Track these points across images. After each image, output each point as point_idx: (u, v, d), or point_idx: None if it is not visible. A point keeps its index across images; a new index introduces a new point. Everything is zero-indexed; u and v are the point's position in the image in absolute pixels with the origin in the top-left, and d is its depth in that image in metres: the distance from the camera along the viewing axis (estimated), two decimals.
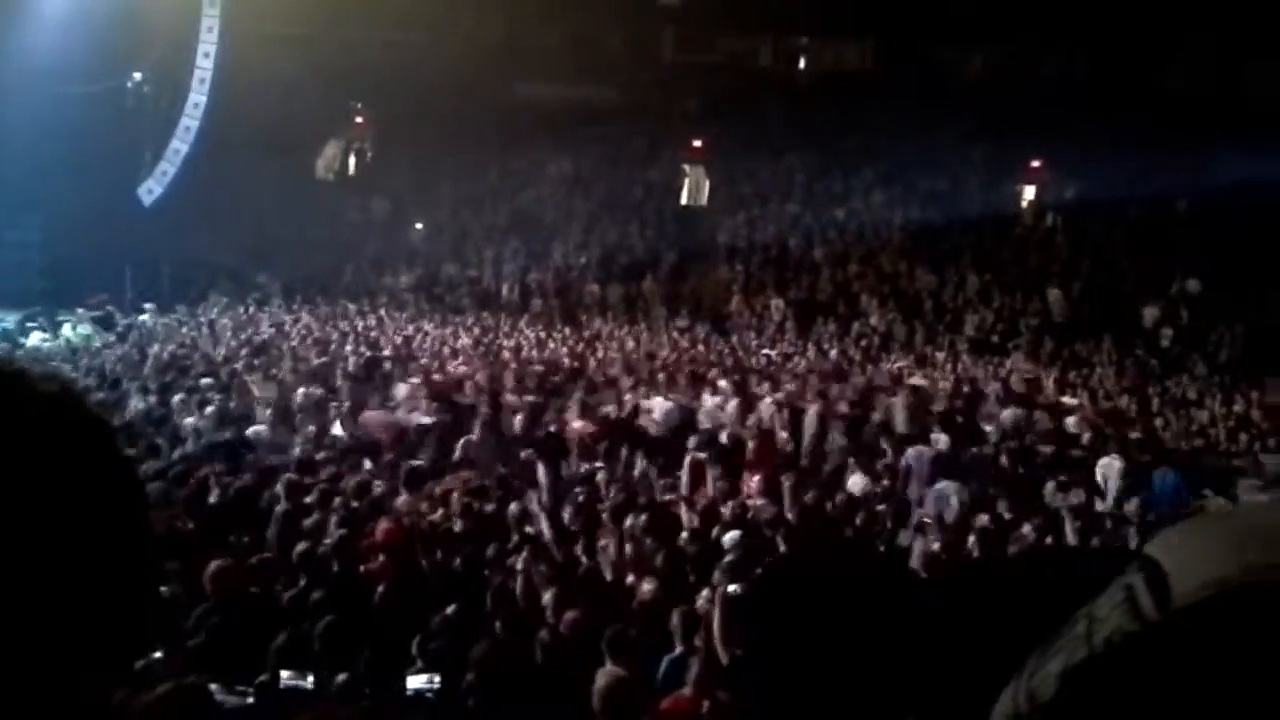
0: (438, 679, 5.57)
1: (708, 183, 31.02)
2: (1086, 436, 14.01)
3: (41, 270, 22.11)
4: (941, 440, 12.51)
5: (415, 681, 5.63)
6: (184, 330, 19.85)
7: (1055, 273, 26.02)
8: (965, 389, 16.68)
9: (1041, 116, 29.26)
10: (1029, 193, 29.03)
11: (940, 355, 21.84)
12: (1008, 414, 14.50)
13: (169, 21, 24.74)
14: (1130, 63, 30.93)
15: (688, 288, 27.72)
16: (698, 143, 31.08)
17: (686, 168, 31.20)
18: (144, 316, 20.73)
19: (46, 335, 19.16)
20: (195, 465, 10.08)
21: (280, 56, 23.80)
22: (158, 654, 5.96)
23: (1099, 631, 0.66)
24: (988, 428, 14.13)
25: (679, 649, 6.43)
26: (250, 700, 5.36)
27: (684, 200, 31.00)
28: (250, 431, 11.75)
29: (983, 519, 9.46)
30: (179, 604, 6.87)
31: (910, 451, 11.89)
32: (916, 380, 17.55)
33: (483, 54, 30.89)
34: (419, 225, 30.17)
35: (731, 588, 6.65)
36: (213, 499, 9.02)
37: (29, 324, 19.81)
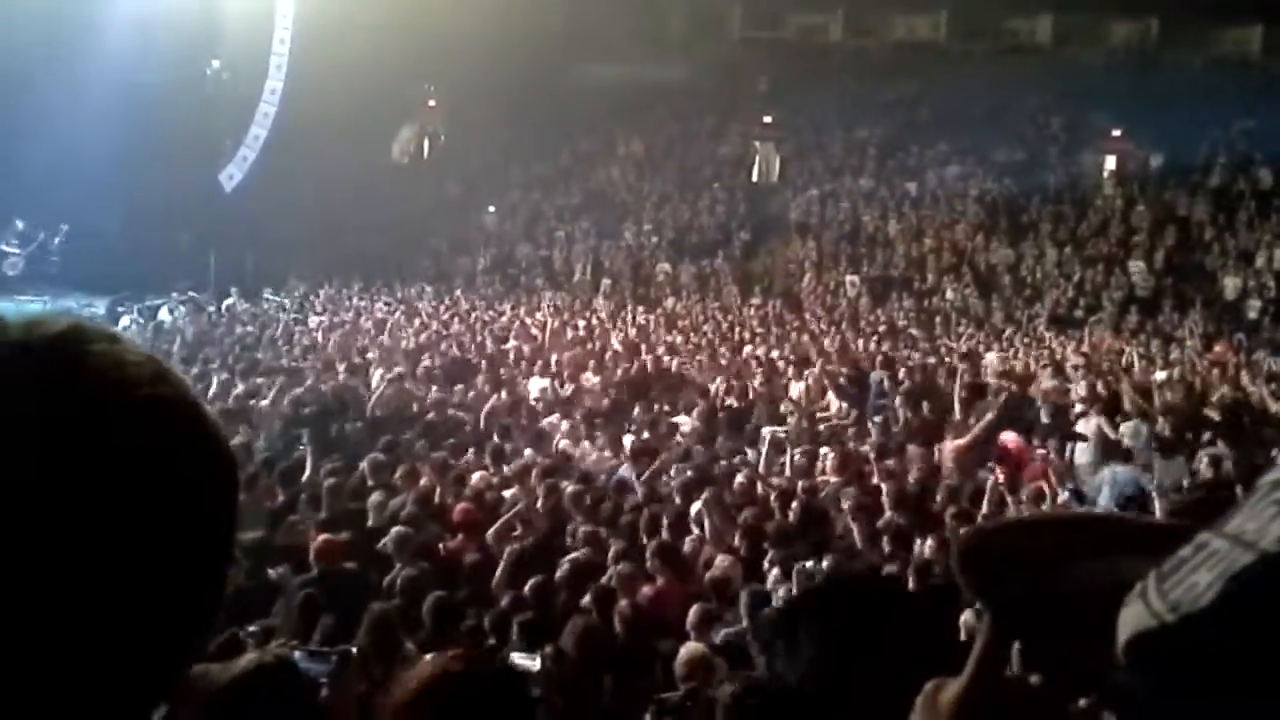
0: (537, 660, 5.66)
1: (778, 159, 30.85)
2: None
3: (125, 257, 22.58)
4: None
5: (517, 659, 5.72)
6: (265, 313, 20.25)
7: (1137, 244, 25.43)
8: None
9: (1119, 85, 28.66)
10: (1109, 163, 28.37)
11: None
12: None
13: (246, 8, 25.18)
14: (1203, 26, 30.19)
15: (760, 265, 27.61)
16: (768, 119, 30.91)
17: (757, 144, 31.05)
18: (229, 301, 21.15)
19: (137, 319, 19.57)
20: (286, 448, 10.34)
21: (354, 42, 24.06)
22: (251, 626, 6.16)
23: (1265, 537, 0.69)
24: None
25: (744, 624, 6.49)
26: (332, 668, 5.44)
27: (755, 177, 30.87)
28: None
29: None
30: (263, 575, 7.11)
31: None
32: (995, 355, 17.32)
33: (551, 35, 30.99)
34: (491, 208, 30.42)
35: None
36: (305, 477, 9.24)
37: (119, 309, 20.30)
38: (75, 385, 0.80)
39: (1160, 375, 16.05)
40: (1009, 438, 11.03)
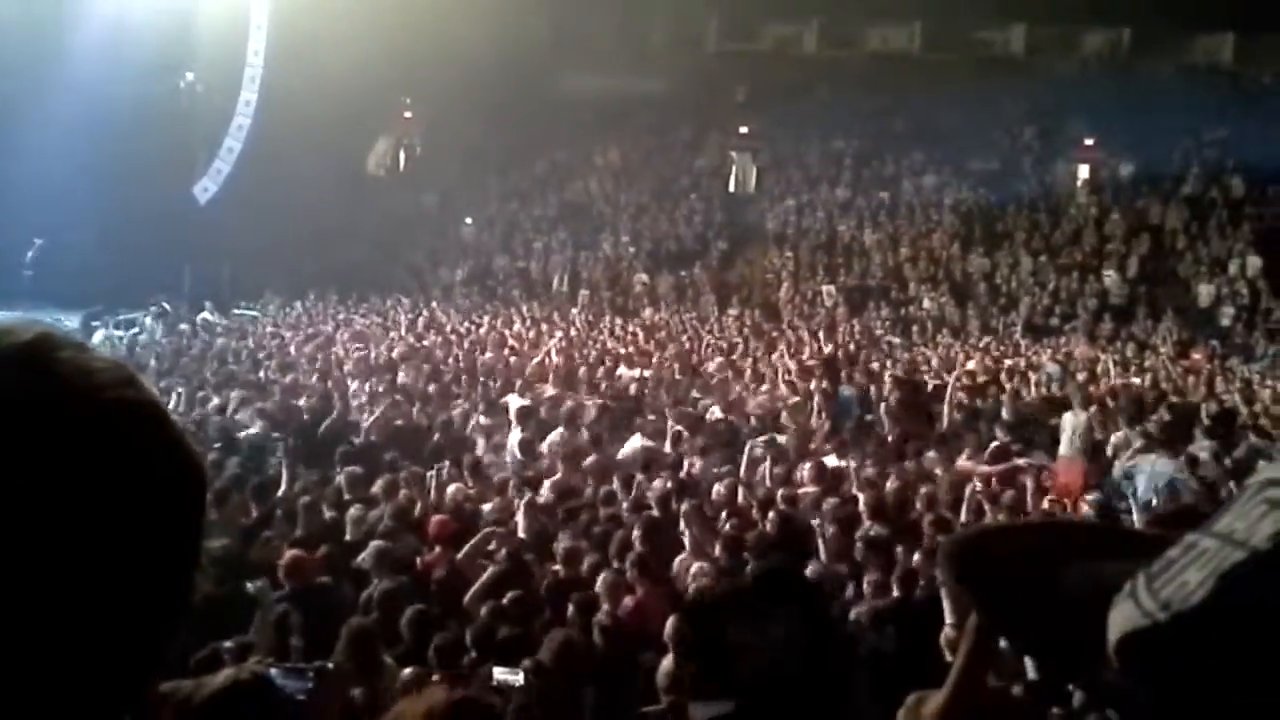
0: (520, 675, 5.63)
1: (755, 169, 30.94)
2: None
3: (98, 272, 22.45)
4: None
5: (500, 674, 5.69)
6: (239, 326, 20.14)
7: (1111, 253, 25.65)
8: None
9: (1092, 94, 28.92)
10: (1083, 172, 28.61)
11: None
12: None
13: (219, 20, 25.09)
14: (1175, 35, 30.57)
15: (736, 275, 27.67)
16: (744, 129, 31.02)
17: (734, 155, 31.16)
18: (202, 314, 21.03)
19: (113, 332, 19.41)
20: (255, 463, 10.24)
21: (328, 54, 24.01)
22: (227, 643, 6.10)
23: (1255, 535, 0.71)
24: None
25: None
26: (310, 685, 5.39)
27: (732, 188, 30.95)
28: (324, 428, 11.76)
29: None
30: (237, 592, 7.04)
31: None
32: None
33: (528, 47, 31.03)
34: (468, 219, 30.39)
35: None
36: (280, 492, 9.16)
37: (92, 323, 20.14)
38: (44, 391, 0.81)
39: (1135, 383, 16.19)
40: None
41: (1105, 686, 0.80)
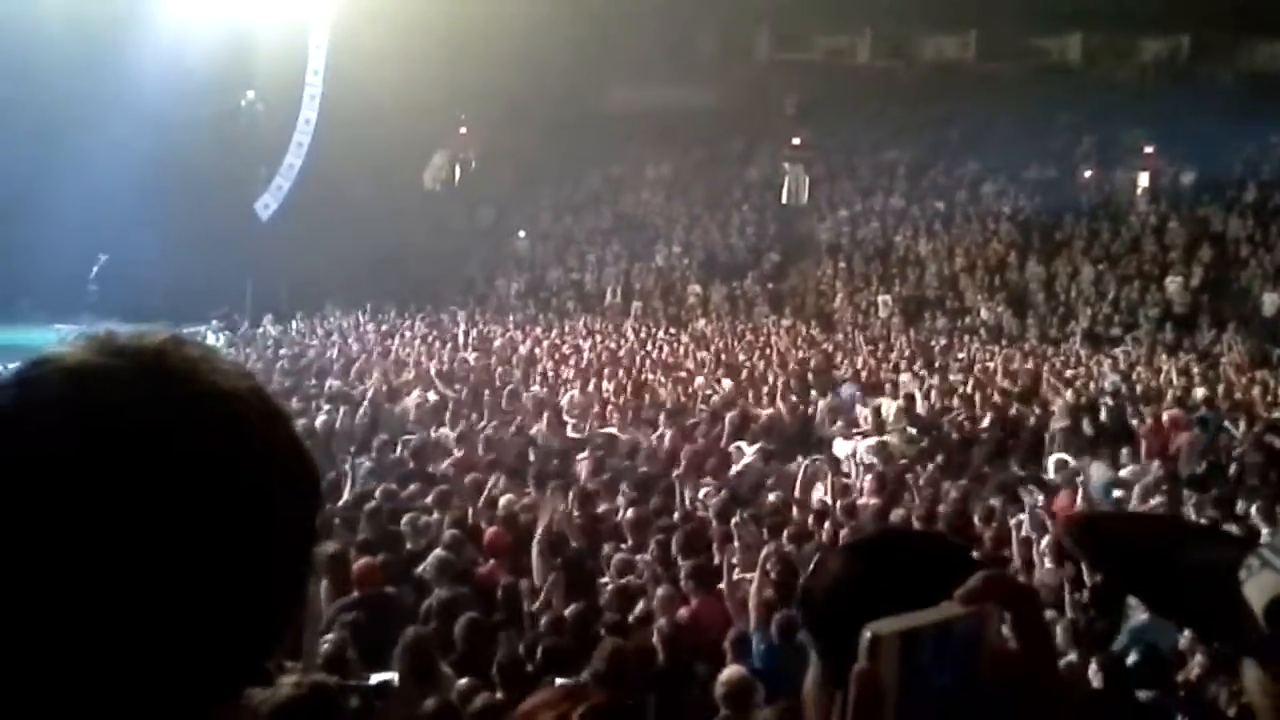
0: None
1: (808, 180, 30.80)
2: None
3: (162, 287, 22.85)
4: None
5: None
6: (303, 338, 20.42)
7: (1172, 261, 25.20)
8: None
9: (1151, 101, 28.50)
10: (1143, 180, 28.13)
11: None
12: None
13: (279, 40, 25.52)
14: (1234, 41, 30.08)
15: (789, 286, 27.56)
16: (797, 140, 30.90)
17: (786, 166, 31.02)
18: (262, 329, 21.34)
19: None
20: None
21: (386, 71, 24.32)
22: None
23: None
24: None
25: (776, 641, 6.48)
26: (368, 699, 5.44)
27: (784, 199, 30.82)
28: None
29: None
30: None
31: None
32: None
33: (579, 61, 31.19)
34: (522, 233, 30.59)
35: None
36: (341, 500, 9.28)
37: None
38: (174, 390, 0.84)
39: (1200, 393, 15.88)
40: None
41: (1254, 643, 0.90)
